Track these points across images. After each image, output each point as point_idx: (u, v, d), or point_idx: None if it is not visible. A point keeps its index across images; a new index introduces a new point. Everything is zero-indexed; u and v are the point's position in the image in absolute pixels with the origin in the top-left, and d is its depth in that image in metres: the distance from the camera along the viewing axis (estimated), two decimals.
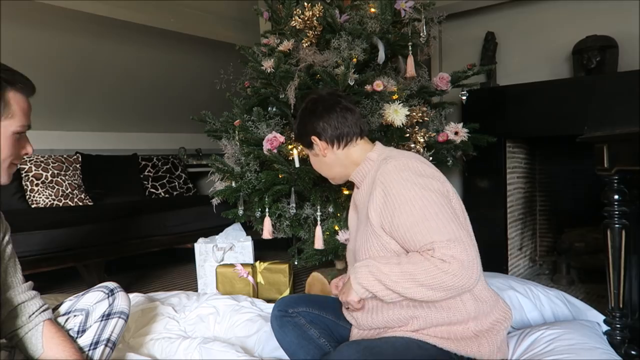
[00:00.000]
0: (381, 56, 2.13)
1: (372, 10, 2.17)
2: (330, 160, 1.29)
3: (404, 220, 1.07)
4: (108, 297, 1.29)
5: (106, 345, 1.26)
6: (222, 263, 2.37)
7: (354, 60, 2.00)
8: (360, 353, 1.02)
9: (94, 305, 1.28)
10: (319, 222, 2.00)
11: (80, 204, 3.17)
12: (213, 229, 2.78)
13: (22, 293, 1.19)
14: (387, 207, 1.10)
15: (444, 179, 1.16)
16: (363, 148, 1.28)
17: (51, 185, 3.09)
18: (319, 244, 1.98)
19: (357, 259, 1.20)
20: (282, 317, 1.31)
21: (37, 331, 1.17)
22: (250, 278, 2.24)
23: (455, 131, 2.06)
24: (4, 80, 1.01)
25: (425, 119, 2.09)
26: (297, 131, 1.33)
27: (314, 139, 1.27)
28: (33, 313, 1.18)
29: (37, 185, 3.05)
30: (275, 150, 1.95)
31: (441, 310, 1.10)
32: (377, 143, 1.30)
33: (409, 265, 1.02)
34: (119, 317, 1.29)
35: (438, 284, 0.99)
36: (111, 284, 1.33)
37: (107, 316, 1.27)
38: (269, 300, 2.10)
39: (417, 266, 1.01)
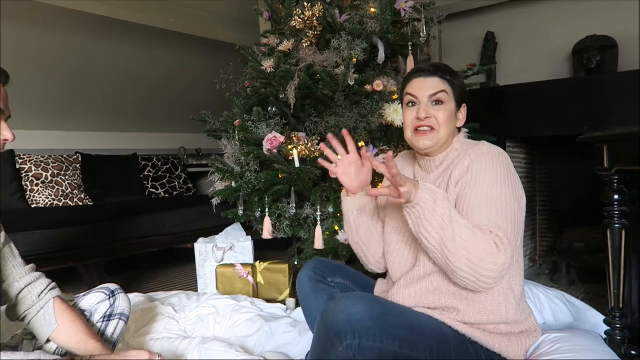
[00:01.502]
0: (381, 56, 2.13)
1: (372, 10, 2.17)
2: (452, 128, 1.20)
3: (472, 198, 1.06)
4: (109, 298, 1.31)
5: None
6: (222, 263, 2.37)
7: (354, 60, 2.00)
8: (366, 296, 1.03)
9: (95, 306, 1.29)
10: (319, 222, 2.00)
11: (80, 204, 3.17)
12: (213, 229, 2.78)
13: (27, 275, 1.20)
14: (463, 179, 1.09)
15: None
16: (458, 136, 1.24)
17: (51, 185, 3.09)
18: (318, 244, 1.98)
19: (418, 248, 1.15)
20: (319, 282, 1.26)
21: (49, 307, 1.18)
22: (250, 278, 2.24)
23: None
24: None
25: None
26: (458, 86, 1.20)
27: (465, 107, 1.23)
28: (42, 292, 1.19)
29: (37, 185, 3.05)
30: (275, 150, 1.95)
31: (483, 312, 1.08)
32: (462, 132, 1.26)
33: (469, 231, 0.99)
34: (120, 319, 1.30)
35: (478, 260, 0.97)
36: (112, 286, 1.35)
37: (108, 317, 1.28)
38: (269, 300, 2.10)
39: (477, 235, 0.99)
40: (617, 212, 1.38)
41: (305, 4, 2.17)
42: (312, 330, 1.27)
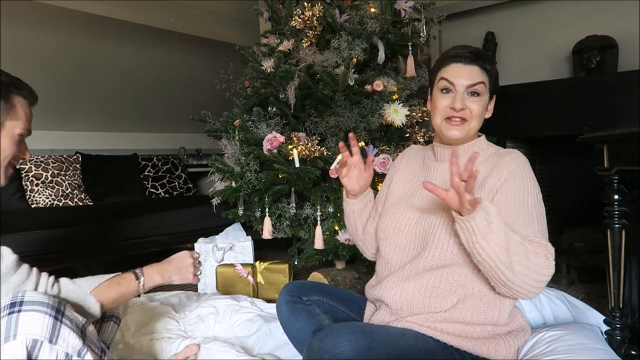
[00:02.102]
0: (381, 56, 2.13)
1: (372, 10, 2.17)
2: (482, 120, 1.20)
3: (519, 209, 1.05)
4: None
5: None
6: (222, 263, 2.37)
7: (354, 60, 2.00)
8: (350, 329, 1.00)
9: None
10: (319, 222, 2.00)
11: (80, 204, 3.17)
12: (213, 229, 2.78)
13: None
14: (502, 188, 1.08)
15: None
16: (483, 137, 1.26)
17: (51, 185, 3.09)
18: (318, 244, 1.98)
19: (426, 235, 1.12)
20: (295, 303, 1.26)
21: None
22: (250, 278, 2.24)
23: None
24: (12, 85, 1.13)
25: (426, 118, 2.09)
26: (494, 76, 1.19)
27: (494, 97, 1.22)
28: None
29: (37, 185, 3.05)
30: (275, 150, 1.95)
31: (475, 311, 1.07)
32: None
33: (523, 246, 0.97)
34: (113, 321, 1.32)
35: (532, 273, 0.96)
36: None
37: (101, 319, 1.29)
38: (269, 300, 2.10)
39: (529, 249, 0.97)
40: (617, 212, 1.38)
41: (305, 4, 2.18)
42: (296, 348, 1.29)
